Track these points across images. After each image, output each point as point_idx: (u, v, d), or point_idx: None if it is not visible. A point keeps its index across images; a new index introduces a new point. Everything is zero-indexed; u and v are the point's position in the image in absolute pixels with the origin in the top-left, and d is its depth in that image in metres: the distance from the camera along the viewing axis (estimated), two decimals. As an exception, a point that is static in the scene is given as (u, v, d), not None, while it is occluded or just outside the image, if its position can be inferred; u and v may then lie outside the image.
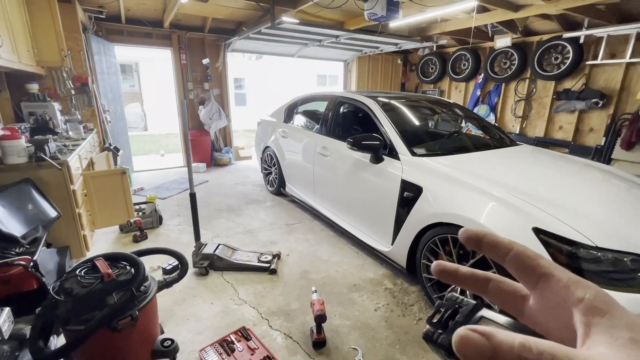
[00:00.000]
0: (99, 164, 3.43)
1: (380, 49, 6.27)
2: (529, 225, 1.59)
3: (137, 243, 2.95)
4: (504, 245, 0.28)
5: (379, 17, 3.48)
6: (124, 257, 1.47)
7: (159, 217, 3.32)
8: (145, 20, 4.98)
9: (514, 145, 2.85)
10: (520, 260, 0.27)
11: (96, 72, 4.29)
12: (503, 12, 4.14)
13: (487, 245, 0.29)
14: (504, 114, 5.74)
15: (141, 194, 4.29)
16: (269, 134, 4.25)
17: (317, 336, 1.78)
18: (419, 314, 2.07)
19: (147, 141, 10.04)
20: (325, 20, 5.00)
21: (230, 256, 2.56)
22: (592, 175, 2.25)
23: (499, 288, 0.30)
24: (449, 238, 1.93)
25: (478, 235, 0.29)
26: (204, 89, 5.83)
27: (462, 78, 6.05)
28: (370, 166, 2.52)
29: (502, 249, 0.28)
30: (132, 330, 1.35)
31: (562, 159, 2.55)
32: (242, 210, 3.82)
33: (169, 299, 2.16)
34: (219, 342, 1.74)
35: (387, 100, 2.94)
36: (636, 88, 4.20)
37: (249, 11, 4.72)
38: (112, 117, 4.66)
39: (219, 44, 5.74)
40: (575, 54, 4.52)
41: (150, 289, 1.45)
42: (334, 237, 3.13)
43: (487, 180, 1.93)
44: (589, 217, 1.62)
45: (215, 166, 6.06)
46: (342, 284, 2.38)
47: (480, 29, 5.38)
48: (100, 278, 1.33)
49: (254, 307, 2.11)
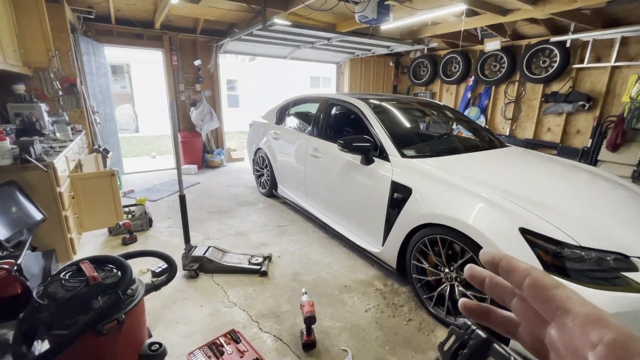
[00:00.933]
0: (88, 165, 3.38)
1: (372, 51, 6.31)
2: (515, 225, 1.61)
3: (126, 246, 2.91)
4: (520, 271, 0.26)
5: (370, 19, 3.51)
6: (111, 260, 1.46)
7: (149, 220, 3.28)
8: (135, 20, 4.93)
9: (504, 147, 2.89)
10: (536, 291, 0.25)
11: (85, 72, 4.24)
12: (492, 16, 4.20)
13: (502, 269, 0.27)
14: (494, 116, 5.82)
15: (131, 196, 4.24)
16: (261, 135, 4.24)
17: (307, 338, 1.78)
18: (409, 315, 2.08)
19: (138, 143, 9.94)
20: (317, 22, 5.02)
21: (220, 258, 2.55)
22: (579, 176, 2.29)
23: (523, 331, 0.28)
24: (438, 239, 1.95)
25: (495, 258, 0.28)
26: (195, 91, 5.79)
27: (453, 81, 6.13)
28: (361, 168, 2.53)
29: (518, 274, 0.26)
30: (118, 334, 1.33)
31: (549, 160, 2.60)
32: (234, 212, 3.80)
33: (158, 302, 2.14)
34: (208, 345, 1.73)
35: (378, 103, 2.96)
36: (621, 91, 4.30)
37: (241, 13, 4.71)
38: (102, 118, 4.60)
39: (211, 45, 5.71)
40: (562, 58, 4.61)
41: (138, 292, 1.43)
42: (326, 238, 3.13)
43: (475, 182, 1.95)
44: (574, 218, 1.65)
45: (207, 168, 6.02)
46: (333, 286, 2.38)
47: (471, 32, 5.46)
48: (85, 281, 1.31)
49: (244, 310, 2.09)
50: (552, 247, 1.50)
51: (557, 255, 1.48)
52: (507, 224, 1.64)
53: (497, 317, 0.30)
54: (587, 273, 1.45)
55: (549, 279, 0.25)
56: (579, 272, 1.45)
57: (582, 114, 4.71)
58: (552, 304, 0.23)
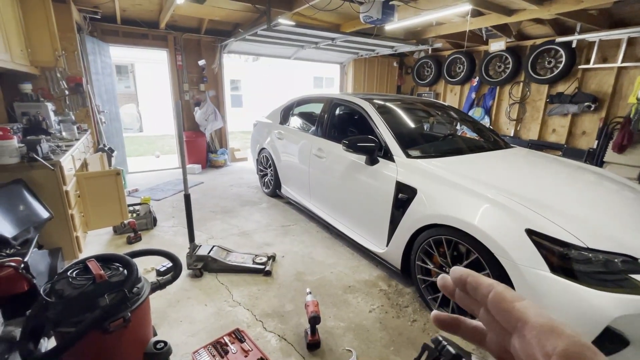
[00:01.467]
0: (93, 164, 3.41)
1: (376, 51, 6.30)
2: (521, 226, 1.60)
3: (131, 245, 2.93)
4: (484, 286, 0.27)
5: (375, 20, 3.50)
6: (117, 259, 1.46)
7: (153, 219, 3.30)
8: (141, 21, 4.96)
9: (508, 147, 2.88)
10: (497, 304, 0.26)
11: (91, 72, 4.27)
12: (497, 17, 4.18)
13: (469, 286, 0.29)
14: (499, 116, 5.79)
15: (135, 195, 4.26)
16: (264, 135, 4.24)
17: (312, 338, 1.78)
18: (413, 316, 2.07)
19: (142, 142, 9.98)
20: (321, 22, 5.03)
21: (224, 258, 2.55)
22: (585, 177, 2.27)
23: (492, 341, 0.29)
24: (443, 240, 1.94)
25: (462, 276, 0.29)
26: (199, 90, 5.81)
27: (458, 81, 6.10)
28: (365, 168, 2.53)
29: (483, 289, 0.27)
30: (124, 333, 1.33)
31: (555, 161, 2.58)
32: (237, 211, 3.80)
33: (163, 300, 2.15)
34: (213, 344, 1.73)
35: (382, 103, 2.96)
36: (627, 92, 4.26)
37: (246, 13, 4.73)
38: (107, 117, 4.63)
39: (215, 45, 5.73)
40: (568, 58, 4.58)
41: (143, 290, 1.44)
42: (330, 238, 3.13)
43: (480, 182, 1.94)
44: (580, 219, 1.64)
45: (210, 168, 6.04)
46: (337, 286, 2.38)
47: (475, 32, 5.44)
48: (92, 279, 1.31)
49: (248, 309, 2.10)
50: (559, 248, 1.49)
51: (564, 256, 1.47)
52: (513, 225, 1.63)
53: (467, 327, 0.31)
54: (594, 275, 1.44)
55: (510, 292, 0.26)
56: (585, 274, 1.44)
57: (587, 115, 4.68)
58: (513, 316, 0.25)
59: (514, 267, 1.57)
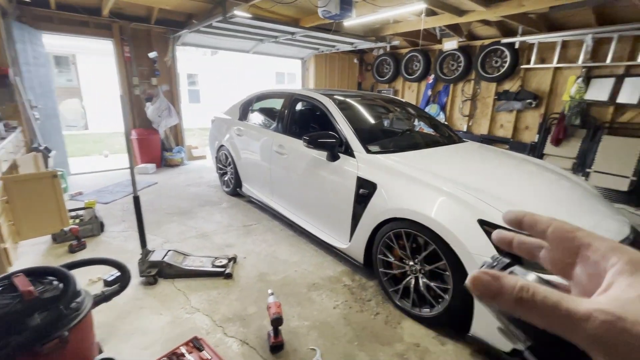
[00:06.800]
0: (25, 166, 3.04)
1: (336, 47, 6.32)
2: (474, 217, 1.68)
3: (74, 253, 2.66)
4: (543, 222, 0.29)
5: (333, 15, 3.49)
6: (51, 271, 1.30)
7: (100, 224, 3.02)
8: (79, 7, 4.50)
9: (462, 142, 3.02)
10: (559, 234, 0.28)
11: (20, 63, 3.79)
12: (449, 17, 4.38)
13: (527, 224, 0.30)
14: (453, 113, 6.09)
15: (79, 199, 3.88)
16: (223, 132, 4.07)
17: (275, 340, 1.73)
18: (376, 309, 2.11)
19: (88, 141, 9.18)
20: (280, 16, 4.92)
21: (181, 262, 2.41)
22: (528, 169, 2.45)
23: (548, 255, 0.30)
24: (402, 233, 1.99)
25: (518, 216, 0.31)
26: (151, 85, 5.44)
27: (415, 78, 6.32)
28: (326, 164, 2.51)
29: (541, 225, 0.29)
30: (61, 354, 1.19)
31: (503, 154, 2.75)
32: (196, 212, 3.62)
33: (112, 313, 1.97)
34: (168, 356, 1.62)
35: (343, 99, 2.96)
36: (562, 90, 4.68)
37: (200, 3, 4.49)
38: (42, 114, 4.16)
39: (167, 36, 5.38)
40: (512, 59, 4.93)
41: (84, 305, 1.29)
42: (294, 236, 3.09)
43: (437, 176, 2.01)
44: (526, 208, 1.75)
45: (166, 167, 5.69)
46: (301, 284, 2.35)
47: (430, 31, 5.66)
48: (19, 297, 1.15)
49: (208, 315, 2.00)
50: (508, 236, 1.58)
51: (512, 244, 1.56)
52: (467, 216, 1.71)
53: (524, 244, 0.33)
54: (538, 260, 1.54)
55: (569, 224, 0.28)
56: (531, 259, 1.54)
57: (530, 111, 5.08)
58: (575, 243, 0.27)
59: (469, 257, 1.64)
